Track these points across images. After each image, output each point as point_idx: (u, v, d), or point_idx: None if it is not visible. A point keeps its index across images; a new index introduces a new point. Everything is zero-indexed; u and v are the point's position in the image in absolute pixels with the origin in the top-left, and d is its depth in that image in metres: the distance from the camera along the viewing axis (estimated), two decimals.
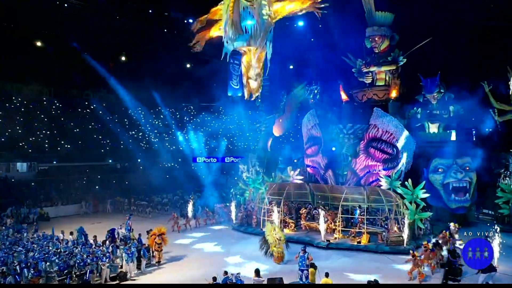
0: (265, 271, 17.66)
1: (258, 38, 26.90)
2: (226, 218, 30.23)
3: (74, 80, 43.20)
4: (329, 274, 14.78)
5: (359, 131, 27.96)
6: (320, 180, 29.52)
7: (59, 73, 41.41)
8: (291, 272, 17.42)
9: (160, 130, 49.42)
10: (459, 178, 26.03)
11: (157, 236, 19.77)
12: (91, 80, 44.53)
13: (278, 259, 19.36)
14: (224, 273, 14.98)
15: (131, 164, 44.05)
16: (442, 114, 30.40)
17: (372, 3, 30.94)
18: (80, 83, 44.10)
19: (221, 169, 47.43)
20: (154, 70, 44.87)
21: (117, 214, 33.35)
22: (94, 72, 43.70)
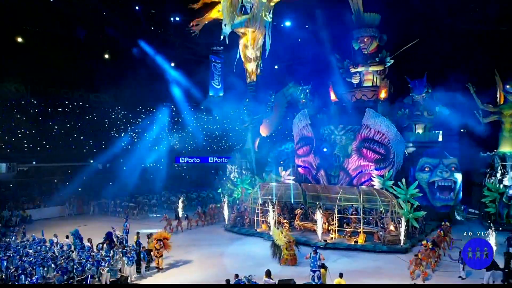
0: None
1: (257, 20, 26.70)
2: (218, 219, 29.96)
3: (53, 78, 41.93)
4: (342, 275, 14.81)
5: (351, 132, 28.19)
6: (312, 180, 29.65)
7: (37, 71, 40.04)
8: (299, 273, 17.40)
9: (141, 130, 48.57)
10: (445, 177, 26.66)
11: (157, 240, 18.98)
12: (71, 78, 43.34)
13: (292, 261, 19.22)
14: (235, 276, 14.75)
15: (113, 165, 42.95)
16: (428, 115, 31.08)
17: (360, 4, 31.22)
18: (59, 81, 42.82)
19: (208, 169, 47.08)
20: (136, 68, 43.98)
21: (103, 216, 32.56)
22: (75, 70, 42.66)
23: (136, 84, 46.06)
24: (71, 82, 44.42)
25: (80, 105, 44.94)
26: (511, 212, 26.53)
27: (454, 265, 18.34)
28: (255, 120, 37.61)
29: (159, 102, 52.08)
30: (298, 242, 21.33)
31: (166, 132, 49.53)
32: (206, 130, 50.90)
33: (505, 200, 26.31)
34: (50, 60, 39.91)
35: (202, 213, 29.19)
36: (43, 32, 38.77)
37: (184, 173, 46.94)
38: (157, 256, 18.86)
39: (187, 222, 27.86)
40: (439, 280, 17.10)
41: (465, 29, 31.16)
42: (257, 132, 38.10)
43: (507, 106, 29.09)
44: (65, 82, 43.75)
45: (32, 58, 38.16)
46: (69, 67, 41.69)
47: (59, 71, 41.10)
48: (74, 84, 45.02)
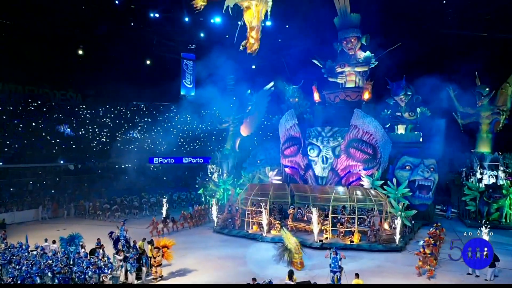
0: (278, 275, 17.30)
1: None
2: (204, 221, 29.34)
3: (19, 74, 39.62)
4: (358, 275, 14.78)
5: (338, 134, 28.34)
6: (299, 181, 29.59)
7: (2, 67, 37.71)
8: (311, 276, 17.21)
9: (113, 129, 46.94)
10: (426, 176, 27.19)
11: (156, 248, 17.66)
12: (38, 75, 41.19)
13: (301, 265, 18.87)
14: (253, 280, 14.35)
15: (85, 165, 41.18)
16: (410, 116, 31.86)
17: (348, 5, 31.48)
18: (26, 78, 40.52)
19: (184, 170, 46.13)
20: (109, 65, 42.38)
21: (81, 219, 31.02)
22: (42, 66, 40.56)
23: (107, 82, 44.55)
24: (37, 79, 42.26)
25: (46, 103, 42.79)
26: (491, 210, 27.61)
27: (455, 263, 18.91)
28: (236, 119, 37.24)
29: (130, 101, 50.74)
30: None
31: (138, 131, 48.17)
32: (179, 130, 49.93)
33: (485, 198, 27.34)
34: (15, 55, 37.80)
35: (189, 215, 28.41)
36: (8, 26, 36.46)
37: (160, 174, 45.66)
38: (154, 265, 17.45)
39: (173, 224, 27.02)
40: (444, 278, 17.42)
41: (444, 33, 32.15)
42: (237, 132, 37.75)
43: (484, 108, 30.38)
44: (31, 79, 41.51)
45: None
46: (36, 63, 39.66)
47: (25, 67, 38.98)
48: (40, 81, 42.87)
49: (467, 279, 17.36)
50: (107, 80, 44.00)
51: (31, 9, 35.23)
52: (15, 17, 36.63)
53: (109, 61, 41.79)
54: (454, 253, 17.86)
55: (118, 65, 41.95)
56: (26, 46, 38.23)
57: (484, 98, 30.27)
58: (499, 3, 31.64)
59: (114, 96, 48.76)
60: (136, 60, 43.63)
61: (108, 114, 47.81)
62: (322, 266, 18.66)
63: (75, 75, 44.28)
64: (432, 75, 31.02)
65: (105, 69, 42.25)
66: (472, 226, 27.19)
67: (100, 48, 41.43)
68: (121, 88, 46.48)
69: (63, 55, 40.64)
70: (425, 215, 27.74)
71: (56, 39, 38.65)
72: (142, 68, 45.66)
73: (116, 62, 41.86)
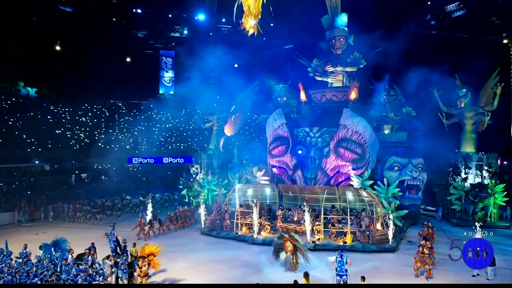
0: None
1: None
2: (189, 222, 28.59)
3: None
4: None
5: (326, 135, 28.11)
6: (287, 181, 29.21)
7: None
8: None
9: (90, 128, 45.42)
10: (414, 176, 27.28)
11: (140, 258, 16.21)
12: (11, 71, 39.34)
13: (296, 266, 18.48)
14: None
15: (62, 166, 39.59)
16: (395, 116, 32.06)
17: (339, 4, 31.35)
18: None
19: (164, 170, 45.07)
20: (88, 63, 40.89)
21: (60, 222, 29.65)
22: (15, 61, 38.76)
23: (84, 79, 43.13)
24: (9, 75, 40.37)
25: (19, 100, 40.92)
26: (477, 209, 27.97)
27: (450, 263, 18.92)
28: (220, 119, 36.61)
29: (108, 99, 49.29)
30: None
31: (116, 131, 46.77)
32: (159, 130, 48.80)
33: (471, 197, 27.66)
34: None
35: (175, 217, 27.59)
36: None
37: (140, 174, 44.46)
38: (140, 275, 15.96)
39: (160, 226, 26.16)
40: (441, 278, 17.33)
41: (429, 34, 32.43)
42: (221, 131, 37.15)
43: (468, 109, 30.79)
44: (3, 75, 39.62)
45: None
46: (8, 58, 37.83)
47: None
48: (13, 77, 40.99)
49: (464, 278, 17.32)
50: (83, 77, 42.60)
51: (6, 2, 33.52)
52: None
53: (87, 57, 40.26)
54: (453, 253, 17.87)
55: (96, 62, 40.44)
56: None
57: (462, 99, 30.63)
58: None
59: (91, 94, 47.28)
60: (115, 57, 42.20)
61: (85, 113, 46.21)
62: (316, 267, 18.54)
63: (50, 71, 42.60)
64: (417, 75, 31.18)
65: (82, 66, 40.75)
66: (458, 225, 27.68)
67: (78, 44, 39.87)
68: (98, 86, 45.21)
69: (38, 51, 38.89)
70: (411, 215, 27.82)
71: (32, 34, 36.95)
72: (121, 66, 44.21)
73: (94, 59, 40.37)
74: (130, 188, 38.98)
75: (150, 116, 48.86)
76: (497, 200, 27.78)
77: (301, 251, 18.27)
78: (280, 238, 18.87)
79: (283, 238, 18.65)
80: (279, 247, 18.66)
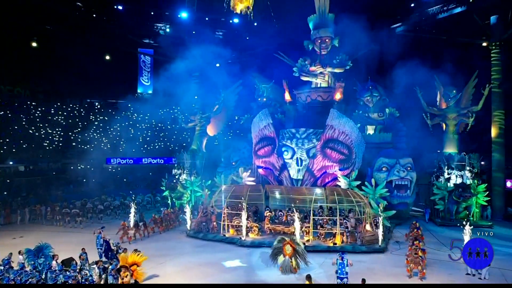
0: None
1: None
2: (174, 225, 27.95)
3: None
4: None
5: (313, 136, 27.99)
6: (274, 182, 28.94)
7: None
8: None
9: (66, 128, 44.02)
10: (402, 176, 27.60)
11: (122, 267, 15.20)
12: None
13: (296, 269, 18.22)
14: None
15: (38, 166, 38.15)
16: (379, 116, 32.28)
17: (327, 5, 31.27)
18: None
19: (144, 171, 44.12)
20: (65, 60, 39.53)
21: (38, 225, 28.41)
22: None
23: (60, 77, 41.74)
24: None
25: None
26: (460, 209, 28.42)
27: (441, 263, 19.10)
28: (203, 118, 36.05)
29: (84, 98, 47.93)
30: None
31: (93, 131, 45.55)
32: (137, 130, 47.81)
33: (455, 197, 28.06)
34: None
35: (159, 219, 26.88)
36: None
37: (119, 175, 43.37)
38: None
39: (145, 229, 25.43)
40: (435, 278, 17.36)
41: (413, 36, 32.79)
42: (204, 131, 36.59)
43: (451, 109, 31.28)
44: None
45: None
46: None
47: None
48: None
49: (457, 278, 17.43)
50: (59, 75, 41.20)
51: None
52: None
53: (64, 54, 38.86)
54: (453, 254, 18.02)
55: (74, 59, 39.16)
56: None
57: (451, 100, 31.11)
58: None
59: (67, 92, 45.86)
60: (94, 54, 40.94)
61: (60, 112, 44.79)
62: (309, 269, 18.13)
63: (24, 69, 41.01)
64: (400, 76, 31.53)
65: (58, 63, 39.37)
66: (442, 225, 28.09)
67: (55, 40, 38.43)
68: (75, 84, 43.88)
69: (13, 47, 37.27)
70: (402, 214, 28.02)
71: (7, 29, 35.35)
72: (99, 63, 42.93)
73: (71, 56, 39.05)
74: (109, 189, 37.93)
75: (128, 116, 47.80)
76: (479, 200, 28.31)
77: (302, 255, 18.02)
78: (280, 241, 18.53)
79: (283, 241, 18.34)
80: (278, 251, 18.36)
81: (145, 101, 49.21)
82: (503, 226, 28.09)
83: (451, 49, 33.42)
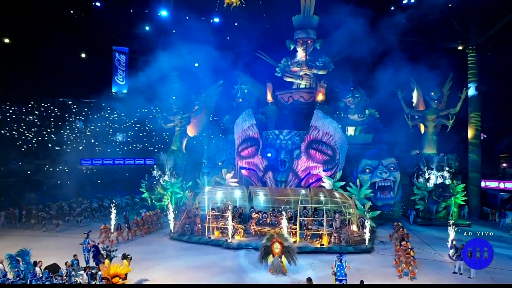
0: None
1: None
2: (156, 227, 27.32)
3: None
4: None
5: (297, 137, 27.97)
6: (257, 183, 28.72)
7: None
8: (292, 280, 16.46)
9: (39, 128, 42.44)
10: (384, 177, 27.72)
11: (103, 279, 14.69)
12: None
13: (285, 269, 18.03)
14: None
15: (9, 168, 36.57)
16: (359, 117, 32.63)
17: (313, 5, 31.29)
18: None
19: (120, 173, 43.01)
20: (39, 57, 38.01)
21: (12, 229, 27.13)
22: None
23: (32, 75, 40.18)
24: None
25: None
26: (440, 208, 29.04)
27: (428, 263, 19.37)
28: (183, 119, 35.51)
29: (57, 97, 46.34)
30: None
31: (67, 130, 44.09)
32: (113, 130, 46.65)
33: (435, 197, 28.63)
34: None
35: (141, 221, 26.19)
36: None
37: (95, 177, 42.14)
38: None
39: (128, 232, 24.74)
40: (424, 278, 17.57)
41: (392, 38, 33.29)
42: (184, 132, 36.05)
43: (430, 111, 31.92)
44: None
45: None
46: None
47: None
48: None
49: (445, 277, 17.72)
50: (32, 73, 39.67)
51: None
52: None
53: (38, 51, 37.42)
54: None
55: (48, 57, 37.69)
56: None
57: (432, 102, 31.69)
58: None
59: (38, 91, 44.15)
60: (69, 52, 39.55)
61: (32, 111, 43.13)
62: (299, 271, 18.24)
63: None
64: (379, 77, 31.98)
65: (31, 61, 37.88)
66: (422, 224, 28.63)
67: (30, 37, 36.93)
68: (46, 82, 42.32)
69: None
70: (379, 215, 28.27)
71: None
72: (75, 61, 41.50)
73: (46, 53, 37.59)
74: (86, 191, 36.78)
75: (103, 116, 46.55)
76: (458, 199, 28.99)
77: (291, 250, 17.89)
78: (269, 239, 18.34)
79: (272, 239, 18.15)
80: (266, 250, 18.12)
81: (120, 100, 48.04)
82: (480, 225, 28.87)
83: (429, 52, 34.17)
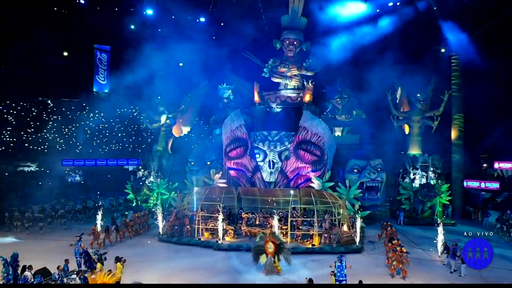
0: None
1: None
2: (144, 229, 26.90)
3: None
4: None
5: (285, 139, 27.98)
6: (246, 183, 28.57)
7: None
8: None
9: (17, 127, 41.17)
10: (372, 178, 27.98)
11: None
12: None
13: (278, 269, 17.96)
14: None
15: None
16: (346, 118, 32.92)
17: (301, 6, 31.35)
18: None
19: (102, 174, 42.12)
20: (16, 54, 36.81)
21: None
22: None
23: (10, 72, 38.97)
24: None
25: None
26: (425, 208, 29.52)
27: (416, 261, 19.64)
28: (169, 119, 35.10)
29: (36, 96, 45.03)
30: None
31: (47, 131, 42.96)
32: (94, 130, 45.69)
33: (420, 197, 29.08)
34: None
35: (130, 223, 25.72)
36: None
37: (77, 178, 41.17)
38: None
39: (117, 233, 24.25)
40: (416, 277, 17.79)
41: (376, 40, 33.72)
42: (170, 132, 35.63)
43: (415, 113, 32.42)
44: None
45: None
46: None
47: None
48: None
49: (437, 276, 17.98)
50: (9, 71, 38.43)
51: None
52: None
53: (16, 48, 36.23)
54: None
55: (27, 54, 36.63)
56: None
57: (423, 103, 32.11)
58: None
59: (16, 90, 42.81)
60: (50, 50, 38.48)
61: (10, 111, 41.82)
62: (293, 272, 18.28)
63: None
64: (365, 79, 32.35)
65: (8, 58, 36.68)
66: (408, 224, 29.03)
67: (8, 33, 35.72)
68: (24, 81, 41.10)
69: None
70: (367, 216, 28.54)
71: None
72: (56, 59, 40.41)
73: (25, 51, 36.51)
74: (68, 193, 35.93)
75: (84, 116, 45.55)
76: (442, 199, 29.52)
77: (285, 249, 17.91)
78: (262, 238, 18.28)
79: (265, 238, 18.08)
80: (260, 249, 18.04)
81: (102, 100, 47.09)
82: (464, 224, 29.44)
83: (414, 55, 34.69)
